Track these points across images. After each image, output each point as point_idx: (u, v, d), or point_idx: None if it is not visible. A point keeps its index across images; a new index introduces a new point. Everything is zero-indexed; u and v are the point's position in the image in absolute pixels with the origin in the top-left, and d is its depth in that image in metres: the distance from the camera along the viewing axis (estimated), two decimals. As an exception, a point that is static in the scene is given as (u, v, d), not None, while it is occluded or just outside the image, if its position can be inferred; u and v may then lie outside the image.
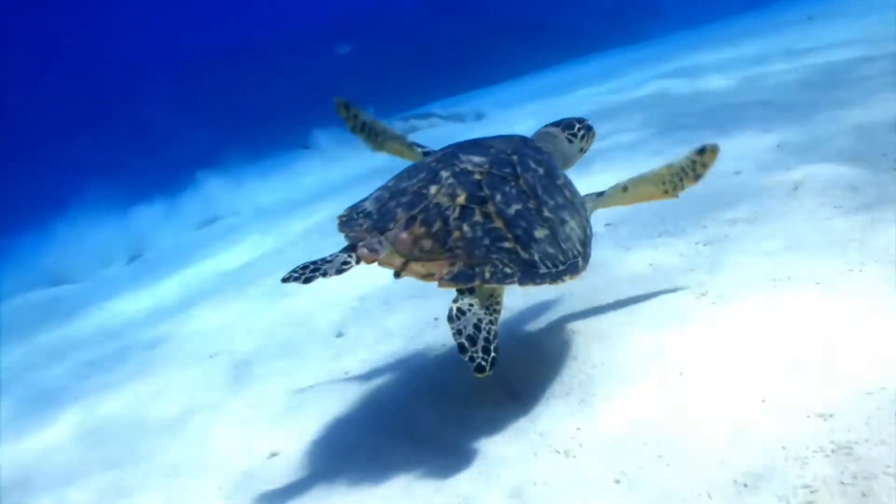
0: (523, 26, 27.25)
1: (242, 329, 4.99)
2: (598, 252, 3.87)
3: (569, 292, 3.66)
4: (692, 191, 4.45)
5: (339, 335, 4.27)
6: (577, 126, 3.39)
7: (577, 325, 3.28)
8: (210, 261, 7.83)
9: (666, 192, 3.22)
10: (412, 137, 3.60)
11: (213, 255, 8.07)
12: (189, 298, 6.45)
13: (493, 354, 2.44)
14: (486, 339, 2.46)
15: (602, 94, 11.07)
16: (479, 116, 12.42)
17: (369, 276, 3.57)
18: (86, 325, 6.90)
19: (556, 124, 3.42)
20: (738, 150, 5.04)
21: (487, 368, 2.40)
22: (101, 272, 9.90)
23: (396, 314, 4.23)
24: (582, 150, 3.43)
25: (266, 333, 4.73)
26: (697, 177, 3.19)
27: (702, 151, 3.14)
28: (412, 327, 3.97)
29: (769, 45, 10.62)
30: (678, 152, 3.22)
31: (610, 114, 8.42)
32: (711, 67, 9.86)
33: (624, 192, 3.21)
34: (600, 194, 3.21)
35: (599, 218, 4.30)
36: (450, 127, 12.33)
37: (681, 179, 3.19)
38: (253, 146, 14.73)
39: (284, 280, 2.66)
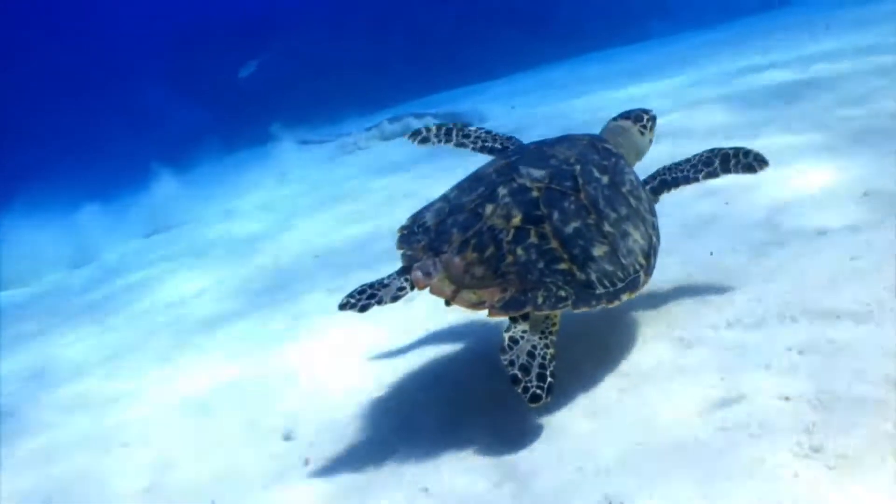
0: (518, 17, 25.59)
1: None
2: (639, 367, 2.84)
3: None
4: (766, 256, 3.43)
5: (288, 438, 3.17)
6: (646, 117, 3.31)
7: None
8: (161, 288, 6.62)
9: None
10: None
11: (160, 281, 6.82)
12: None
13: (549, 380, 2.45)
14: (542, 366, 2.46)
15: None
16: (481, 118, 11.00)
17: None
18: None
19: (625, 117, 3.32)
20: (812, 197, 3.97)
21: (544, 396, 2.42)
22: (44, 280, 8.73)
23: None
24: (650, 142, 3.34)
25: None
26: (737, 173, 3.10)
27: (749, 166, 3.06)
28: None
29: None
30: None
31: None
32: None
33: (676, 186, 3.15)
34: (654, 190, 3.12)
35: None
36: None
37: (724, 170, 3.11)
38: (217, 141, 13.46)
39: (341, 307, 2.67)
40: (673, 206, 4.09)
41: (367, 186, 8.17)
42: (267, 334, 4.44)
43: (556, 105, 10.83)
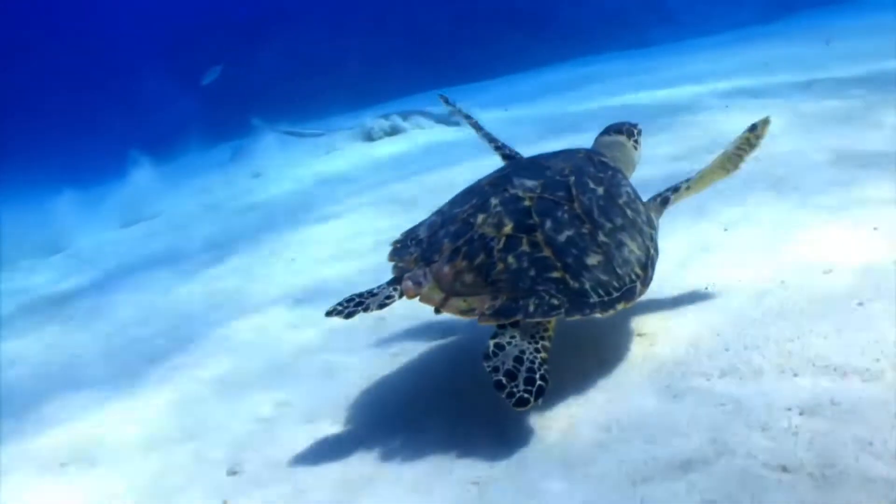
0: (519, 18, 24.97)
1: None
2: (620, 420, 2.58)
3: None
4: (766, 295, 3.14)
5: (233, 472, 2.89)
6: (636, 131, 3.34)
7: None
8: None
9: (728, 171, 3.11)
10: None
11: (130, 279, 6.50)
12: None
13: (539, 383, 2.37)
14: (530, 370, 2.39)
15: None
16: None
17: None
18: None
19: (617, 131, 3.32)
20: (819, 231, 3.70)
21: (532, 399, 2.34)
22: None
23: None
24: (640, 155, 3.37)
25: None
26: (754, 147, 3.08)
27: (754, 128, 3.07)
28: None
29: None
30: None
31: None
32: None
33: (688, 190, 3.11)
34: (665, 200, 3.10)
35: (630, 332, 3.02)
36: (440, 132, 10.69)
37: (739, 156, 3.08)
38: (203, 134, 13.15)
39: (328, 314, 2.70)
40: (666, 231, 3.80)
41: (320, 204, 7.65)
42: (244, 346, 4.17)
43: (553, 109, 10.60)
